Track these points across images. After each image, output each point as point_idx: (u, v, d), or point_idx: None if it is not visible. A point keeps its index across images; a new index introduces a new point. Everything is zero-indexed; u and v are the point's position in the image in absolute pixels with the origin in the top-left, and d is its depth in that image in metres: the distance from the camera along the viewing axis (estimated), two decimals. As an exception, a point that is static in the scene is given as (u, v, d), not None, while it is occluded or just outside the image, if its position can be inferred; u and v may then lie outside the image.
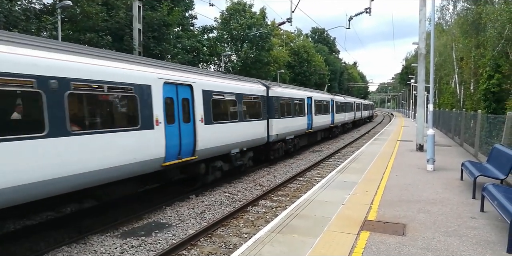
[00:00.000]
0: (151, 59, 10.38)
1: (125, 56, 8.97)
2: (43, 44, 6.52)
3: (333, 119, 27.54)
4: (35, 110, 6.02)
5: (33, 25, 16.08)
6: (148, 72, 8.51)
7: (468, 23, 28.33)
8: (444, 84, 41.53)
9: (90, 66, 7.00)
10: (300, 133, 19.26)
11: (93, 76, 7.00)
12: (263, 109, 14.74)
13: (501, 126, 10.95)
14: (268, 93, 15.35)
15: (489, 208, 6.56)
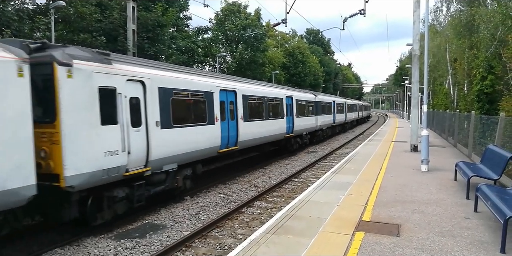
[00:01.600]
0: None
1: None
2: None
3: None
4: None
5: (26, 26, 15.96)
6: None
7: (461, 24, 28.50)
8: (438, 85, 41.76)
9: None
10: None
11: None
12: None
13: (494, 127, 11.02)
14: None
15: (482, 208, 6.59)
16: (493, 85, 22.89)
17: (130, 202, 8.15)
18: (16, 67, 5.75)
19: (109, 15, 19.56)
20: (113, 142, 7.39)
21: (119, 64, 7.90)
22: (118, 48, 18.96)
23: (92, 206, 7.31)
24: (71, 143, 6.54)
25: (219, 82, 12.12)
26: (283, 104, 17.94)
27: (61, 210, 6.89)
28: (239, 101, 13.22)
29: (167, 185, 9.35)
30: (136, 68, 8.41)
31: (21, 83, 5.80)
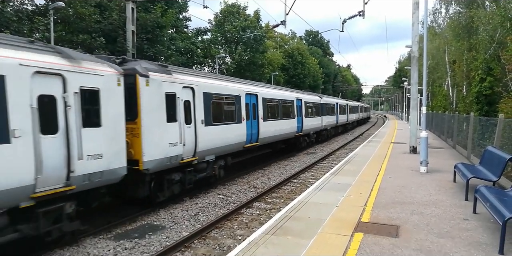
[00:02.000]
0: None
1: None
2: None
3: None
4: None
5: (25, 26, 15.96)
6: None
7: (460, 26, 28.57)
8: (437, 87, 41.82)
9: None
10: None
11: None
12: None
13: (493, 128, 11.05)
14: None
15: (481, 209, 6.61)
16: (492, 87, 22.94)
17: (182, 184, 10.13)
18: (116, 78, 7.82)
19: (109, 16, 19.55)
20: (174, 136, 9.53)
21: (176, 74, 10.13)
22: (117, 49, 18.96)
23: (155, 186, 9.15)
24: (147, 136, 8.59)
25: (245, 87, 14.53)
26: (294, 105, 20.11)
27: (138, 189, 8.69)
28: (260, 103, 15.52)
29: (208, 172, 11.46)
30: (188, 77, 10.72)
31: (119, 91, 7.87)
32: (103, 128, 7.40)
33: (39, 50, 6.50)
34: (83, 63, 7.21)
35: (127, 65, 8.71)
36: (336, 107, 32.40)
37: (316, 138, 25.48)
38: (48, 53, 6.65)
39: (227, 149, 12.51)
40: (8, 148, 5.60)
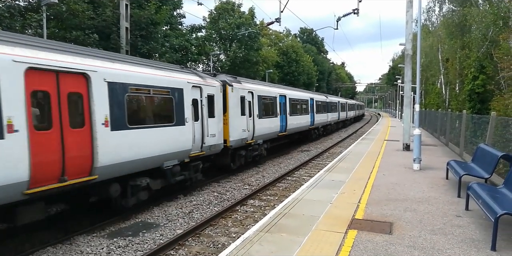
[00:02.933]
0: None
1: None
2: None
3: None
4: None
5: (17, 23, 15.78)
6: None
7: (453, 24, 28.72)
8: (430, 85, 42.06)
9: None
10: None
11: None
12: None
13: (486, 126, 11.13)
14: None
15: (474, 206, 6.67)
16: (484, 85, 23.11)
17: (245, 158, 14.65)
18: (220, 88, 12.32)
19: (102, 13, 19.38)
20: (244, 124, 14.15)
21: (243, 83, 14.81)
22: (111, 46, 18.82)
23: (232, 158, 13.65)
24: (232, 124, 13.00)
25: (279, 90, 19.14)
26: (308, 104, 24.57)
27: (225, 158, 13.20)
28: (287, 102, 19.77)
29: (259, 152, 15.81)
30: (249, 84, 15.46)
31: (221, 95, 12.33)
32: (215, 118, 11.84)
33: (192, 74, 11.25)
34: (207, 79, 11.67)
35: (218, 78, 12.92)
36: (338, 105, 37.60)
37: (322, 131, 30.10)
38: (195, 75, 11.31)
39: (269, 136, 17.00)
40: (184, 128, 10.14)
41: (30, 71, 6.05)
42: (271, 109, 17.46)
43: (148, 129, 8.71)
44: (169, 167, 9.44)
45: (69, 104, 6.70)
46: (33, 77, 6.12)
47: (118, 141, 7.77)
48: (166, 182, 9.60)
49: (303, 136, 24.52)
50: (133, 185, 8.51)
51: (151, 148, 8.73)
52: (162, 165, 9.20)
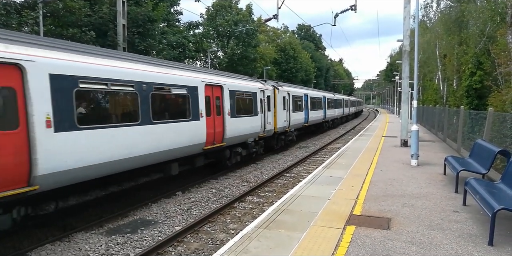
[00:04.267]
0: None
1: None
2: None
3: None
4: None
5: (13, 20, 15.70)
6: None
7: (451, 20, 28.77)
8: (428, 81, 42.13)
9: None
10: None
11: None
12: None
13: (483, 122, 11.16)
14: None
15: (471, 202, 6.70)
16: (482, 81, 23.18)
17: (284, 141, 19.64)
18: (272, 90, 17.35)
19: (99, 10, 19.29)
20: (285, 117, 18.76)
21: (283, 86, 19.73)
22: (108, 43, 18.75)
23: (278, 141, 18.64)
24: (278, 116, 17.58)
25: (304, 91, 24.56)
26: (322, 101, 29.55)
27: (273, 141, 17.89)
28: (309, 100, 24.67)
29: (292, 137, 20.86)
30: (287, 87, 20.50)
31: (272, 96, 17.16)
32: (270, 112, 16.94)
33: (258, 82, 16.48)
34: (266, 85, 16.83)
35: (269, 83, 17.80)
36: (343, 102, 42.82)
37: (331, 123, 35.26)
38: (260, 82, 16.39)
39: (298, 126, 21.96)
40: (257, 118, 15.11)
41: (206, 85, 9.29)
42: (300, 106, 22.60)
43: (243, 117, 13.90)
44: (250, 142, 14.73)
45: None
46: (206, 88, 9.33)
47: (235, 124, 13.11)
48: (248, 151, 14.80)
49: (317, 127, 29.51)
50: (235, 151, 13.70)
51: (244, 129, 13.99)
52: (247, 141, 14.47)
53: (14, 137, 5.86)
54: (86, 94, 7.27)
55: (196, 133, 10.63)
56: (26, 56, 6.05)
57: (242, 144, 14.21)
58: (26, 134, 6.01)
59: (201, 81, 11.01)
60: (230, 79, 13.56)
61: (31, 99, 6.05)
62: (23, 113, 5.99)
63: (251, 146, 14.88)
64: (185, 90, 10.25)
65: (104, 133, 7.49)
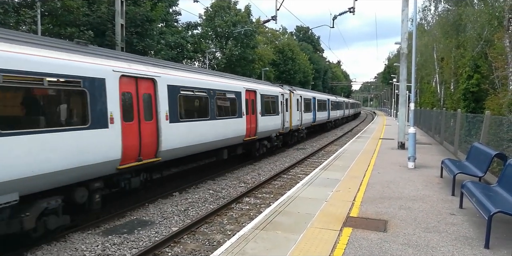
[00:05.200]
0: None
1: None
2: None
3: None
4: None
5: (11, 19, 15.62)
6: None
7: (448, 24, 28.86)
8: (425, 84, 42.24)
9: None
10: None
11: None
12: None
13: (480, 125, 11.21)
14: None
15: (467, 204, 6.72)
16: (479, 84, 23.25)
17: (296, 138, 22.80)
18: (289, 94, 20.56)
19: (97, 9, 19.23)
20: (298, 116, 22.26)
21: (297, 90, 23.30)
22: (106, 43, 18.70)
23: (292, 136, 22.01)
24: (293, 116, 21.01)
25: (312, 94, 28.22)
26: (326, 103, 33.04)
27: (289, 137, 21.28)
28: (316, 102, 27.94)
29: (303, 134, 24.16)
30: (300, 91, 23.97)
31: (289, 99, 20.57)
32: (287, 112, 19.75)
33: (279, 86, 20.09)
34: (284, 89, 19.83)
35: (285, 88, 20.66)
36: (343, 104, 46.58)
37: (333, 124, 38.96)
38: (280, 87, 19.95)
39: (307, 125, 25.17)
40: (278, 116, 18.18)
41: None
42: (309, 107, 25.76)
43: (269, 116, 17.07)
44: (273, 137, 17.79)
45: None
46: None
47: (264, 121, 16.31)
48: (271, 144, 17.91)
49: (321, 127, 32.63)
50: (262, 143, 16.76)
51: (270, 126, 17.18)
52: (271, 135, 17.59)
53: (151, 126, 8.96)
54: (184, 98, 10.51)
55: (240, 127, 13.98)
56: (157, 74, 9.29)
57: (267, 138, 17.33)
58: (156, 124, 9.14)
59: (243, 87, 14.46)
60: (261, 85, 17.24)
61: (159, 101, 9.22)
62: (154, 110, 9.12)
63: (273, 140, 18.09)
64: (233, 95, 13.59)
65: (192, 125, 10.80)
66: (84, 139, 7.04)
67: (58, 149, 6.50)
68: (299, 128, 22.84)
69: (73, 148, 6.78)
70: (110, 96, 7.70)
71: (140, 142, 8.60)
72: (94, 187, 7.63)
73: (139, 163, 8.57)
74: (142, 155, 8.68)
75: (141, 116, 8.64)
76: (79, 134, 6.96)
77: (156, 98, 8.96)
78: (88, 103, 7.20)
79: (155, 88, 8.99)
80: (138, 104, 8.60)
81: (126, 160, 8.11)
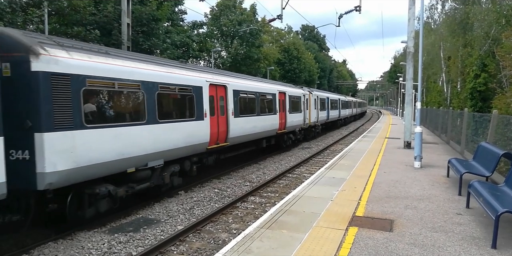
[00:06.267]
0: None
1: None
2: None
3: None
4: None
5: (19, 18, 15.74)
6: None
7: (456, 22, 28.67)
8: (432, 83, 42.02)
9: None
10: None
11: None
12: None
13: (487, 124, 11.12)
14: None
15: (474, 204, 6.68)
16: (486, 83, 23.09)
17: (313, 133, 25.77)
18: (308, 95, 23.96)
19: (104, 9, 19.33)
20: (315, 114, 25.73)
21: (314, 91, 26.67)
22: (112, 42, 18.80)
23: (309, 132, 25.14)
24: (311, 114, 24.30)
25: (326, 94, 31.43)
26: (337, 102, 36.19)
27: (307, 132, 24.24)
28: (329, 102, 31.09)
29: (318, 130, 27.48)
30: (316, 92, 27.60)
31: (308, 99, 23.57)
32: (308, 110, 23.20)
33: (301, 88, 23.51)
34: (305, 91, 23.31)
35: (305, 89, 23.49)
36: (352, 103, 50.33)
37: (343, 121, 42.23)
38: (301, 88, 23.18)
39: (322, 121, 28.20)
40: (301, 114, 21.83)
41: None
42: (324, 106, 28.97)
43: (295, 114, 20.29)
44: (297, 131, 21.17)
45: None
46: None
47: (291, 117, 19.41)
48: (296, 137, 21.28)
49: (333, 124, 36.05)
50: (288, 136, 20.01)
51: (295, 122, 20.31)
52: (295, 130, 20.82)
53: (224, 119, 12.49)
54: (241, 99, 13.94)
55: (275, 122, 17.28)
56: (227, 82, 12.99)
57: (293, 132, 20.57)
58: (226, 117, 12.65)
59: (277, 90, 17.98)
60: (288, 87, 20.86)
61: (228, 101, 12.80)
62: (225, 108, 12.61)
63: (297, 134, 21.50)
64: (271, 96, 17.06)
65: (246, 119, 14.26)
66: (193, 127, 10.47)
67: (181, 133, 9.85)
68: (316, 124, 26.12)
69: (187, 133, 10.15)
70: (204, 98, 11.15)
71: (218, 130, 12.04)
72: (193, 160, 11.08)
73: (217, 145, 12.08)
74: (219, 140, 12.19)
75: (218, 112, 12.14)
76: (190, 124, 10.40)
77: (226, 99, 12.64)
78: (194, 103, 10.64)
79: (226, 92, 12.71)
80: (217, 103, 12.07)
81: (211, 143, 11.62)
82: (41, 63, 6.12)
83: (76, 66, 6.75)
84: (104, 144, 7.22)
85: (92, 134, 6.95)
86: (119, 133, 7.60)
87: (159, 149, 8.73)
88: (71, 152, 6.48)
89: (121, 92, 7.81)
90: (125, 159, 7.75)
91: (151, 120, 8.51)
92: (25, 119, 6.06)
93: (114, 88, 7.60)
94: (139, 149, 8.13)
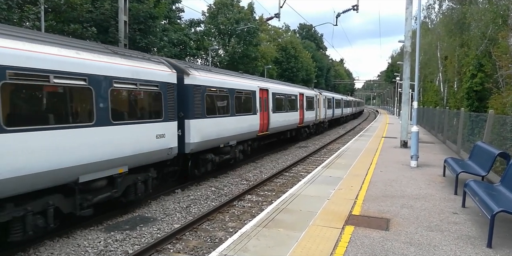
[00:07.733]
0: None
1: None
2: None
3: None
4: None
5: (15, 15, 15.63)
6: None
7: (452, 22, 28.71)
8: (429, 82, 42.12)
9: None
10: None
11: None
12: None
13: (483, 124, 11.16)
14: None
15: (470, 204, 6.71)
16: (482, 83, 23.16)
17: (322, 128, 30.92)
18: (319, 95, 28.47)
19: (100, 6, 19.23)
20: (324, 112, 30.07)
21: (323, 92, 31.57)
22: (109, 40, 18.72)
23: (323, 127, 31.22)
24: (321, 111, 28.89)
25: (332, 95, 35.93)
26: (340, 101, 39.64)
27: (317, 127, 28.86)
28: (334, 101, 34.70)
29: (326, 126, 32.38)
30: (325, 93, 32.45)
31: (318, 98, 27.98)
32: (318, 108, 27.66)
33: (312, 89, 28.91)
34: (316, 91, 28.10)
35: (316, 90, 28.76)
36: (352, 102, 54.14)
37: (345, 119, 46.47)
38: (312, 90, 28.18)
39: (328, 118, 32.12)
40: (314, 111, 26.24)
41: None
42: (330, 105, 32.78)
43: (309, 111, 24.18)
44: (310, 126, 25.00)
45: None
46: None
47: (306, 114, 23.58)
48: (309, 130, 25.21)
49: (336, 121, 39.04)
50: (304, 130, 23.87)
51: (309, 118, 24.18)
52: (309, 124, 24.61)
53: (266, 114, 16.23)
54: (276, 99, 17.81)
55: (296, 117, 21.16)
56: (268, 86, 17.13)
57: (307, 127, 24.59)
58: (268, 113, 16.42)
59: (297, 91, 21.96)
60: (305, 89, 24.85)
61: (269, 101, 16.76)
62: (267, 106, 16.41)
63: (311, 128, 25.69)
64: (294, 97, 20.77)
65: (279, 114, 18.01)
66: (252, 119, 14.71)
67: (246, 123, 14.17)
68: (324, 121, 30.45)
69: (249, 123, 14.44)
70: (257, 99, 15.29)
71: (263, 122, 15.89)
72: (248, 143, 15.03)
73: (262, 133, 15.98)
74: (263, 130, 16.03)
75: (263, 109, 16.03)
76: (251, 117, 14.68)
77: (268, 99, 16.58)
78: (252, 102, 14.89)
79: (268, 94, 16.68)
80: (262, 102, 15.97)
81: (259, 131, 15.57)
82: (189, 79, 10.40)
83: (202, 80, 11.07)
84: (213, 127, 11.47)
85: (209, 121, 11.32)
86: (217, 122, 11.92)
87: (235, 133, 12.99)
88: (200, 131, 10.73)
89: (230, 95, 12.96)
90: (220, 138, 11.99)
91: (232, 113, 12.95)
92: (179, 112, 9.98)
93: (223, 93, 12.49)
94: (227, 133, 12.46)
